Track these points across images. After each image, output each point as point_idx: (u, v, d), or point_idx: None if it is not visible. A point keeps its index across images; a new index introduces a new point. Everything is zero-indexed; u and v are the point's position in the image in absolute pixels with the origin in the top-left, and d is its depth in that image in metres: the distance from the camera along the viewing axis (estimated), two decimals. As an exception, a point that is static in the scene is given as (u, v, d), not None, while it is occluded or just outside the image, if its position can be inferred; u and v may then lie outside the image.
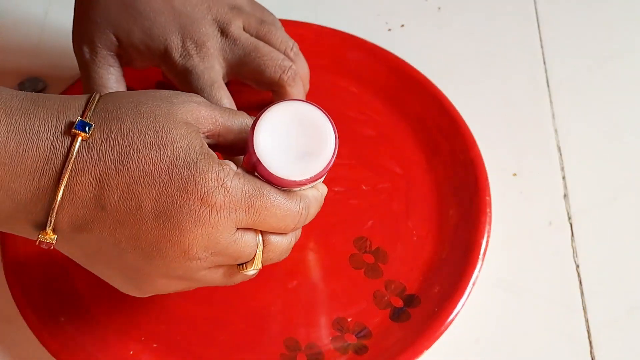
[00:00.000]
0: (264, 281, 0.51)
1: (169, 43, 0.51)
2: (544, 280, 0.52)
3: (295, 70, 0.52)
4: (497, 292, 0.51)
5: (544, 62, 0.62)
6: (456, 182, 0.54)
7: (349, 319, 0.50)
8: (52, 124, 0.38)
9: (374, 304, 0.50)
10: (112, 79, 0.52)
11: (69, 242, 0.40)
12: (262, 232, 0.41)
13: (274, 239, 0.42)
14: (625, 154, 0.57)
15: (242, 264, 0.42)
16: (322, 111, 0.41)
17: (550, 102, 0.60)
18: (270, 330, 0.50)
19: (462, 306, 0.48)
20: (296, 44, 0.54)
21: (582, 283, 0.51)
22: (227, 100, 0.51)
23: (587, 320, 0.50)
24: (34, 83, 0.62)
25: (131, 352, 0.49)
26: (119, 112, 0.39)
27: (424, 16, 0.65)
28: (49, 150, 0.38)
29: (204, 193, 0.38)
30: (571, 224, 0.54)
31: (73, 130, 0.38)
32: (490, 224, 0.51)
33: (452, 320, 0.48)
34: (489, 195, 0.52)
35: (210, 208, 0.39)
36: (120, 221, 0.39)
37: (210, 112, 0.42)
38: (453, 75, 0.61)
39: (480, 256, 0.50)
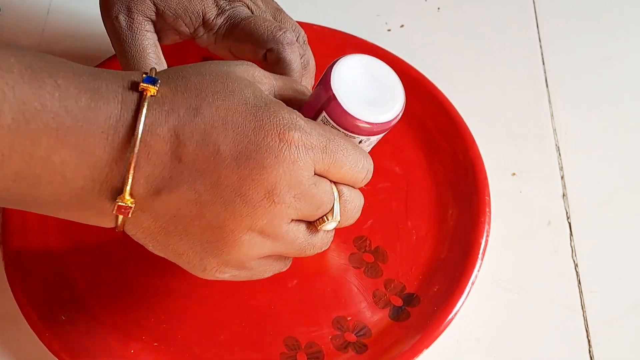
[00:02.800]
0: (264, 280, 0.52)
1: (206, 2, 0.50)
2: (543, 279, 0.52)
3: (293, 39, 0.51)
4: (496, 291, 0.51)
5: (543, 62, 0.62)
6: (455, 181, 0.54)
7: (349, 318, 0.50)
8: (119, 83, 0.38)
9: (373, 303, 0.51)
10: (151, 43, 0.50)
11: (146, 211, 0.39)
12: (335, 184, 0.41)
13: (347, 190, 0.42)
14: (623, 153, 0.57)
15: (321, 218, 0.41)
16: (392, 71, 0.43)
17: (549, 102, 0.60)
18: (270, 329, 0.50)
19: (462, 305, 0.48)
20: (306, 36, 0.54)
21: (581, 282, 0.52)
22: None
23: (585, 319, 0.50)
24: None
25: (132, 351, 0.49)
26: (181, 72, 0.40)
27: (424, 16, 0.65)
28: (120, 107, 0.37)
29: (281, 129, 0.38)
30: (570, 224, 0.54)
31: (142, 85, 0.37)
32: (489, 224, 0.51)
33: (451, 319, 0.48)
34: (488, 195, 0.53)
35: (289, 144, 0.38)
36: (200, 170, 0.38)
37: (263, 72, 0.42)
38: (452, 75, 0.61)
39: (480, 255, 0.50)
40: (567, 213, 0.54)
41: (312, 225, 0.42)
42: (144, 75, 0.38)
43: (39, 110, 0.35)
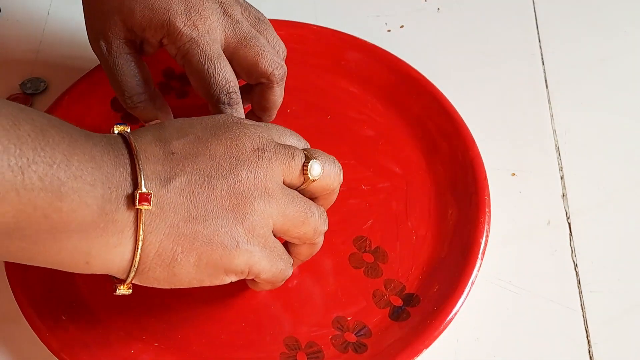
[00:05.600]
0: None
1: (172, 13, 0.51)
2: (542, 279, 0.52)
3: (286, 71, 0.53)
4: (496, 291, 0.51)
5: (543, 62, 0.62)
6: (455, 181, 0.54)
7: (349, 318, 0.50)
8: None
9: (373, 303, 0.51)
10: (132, 65, 0.53)
11: (164, 206, 0.41)
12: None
13: (312, 150, 0.47)
14: (623, 153, 0.57)
15: (304, 165, 0.45)
16: None
17: (549, 102, 0.60)
18: (270, 329, 0.50)
19: (461, 305, 0.48)
20: (286, 50, 0.55)
21: (581, 282, 0.52)
22: (230, 73, 0.52)
23: (585, 319, 0.50)
24: (35, 83, 0.62)
25: (132, 351, 0.49)
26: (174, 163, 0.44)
27: (424, 17, 0.66)
28: (102, 136, 0.42)
29: (237, 123, 0.46)
30: (569, 223, 0.54)
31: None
32: (489, 224, 0.52)
33: (451, 319, 0.48)
34: (488, 195, 0.53)
35: (246, 126, 0.45)
36: (193, 154, 0.43)
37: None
38: (452, 75, 0.61)
39: (479, 255, 0.50)
40: (566, 213, 0.54)
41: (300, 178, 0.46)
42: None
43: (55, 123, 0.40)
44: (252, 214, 0.43)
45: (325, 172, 0.46)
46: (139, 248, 0.41)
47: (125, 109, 0.60)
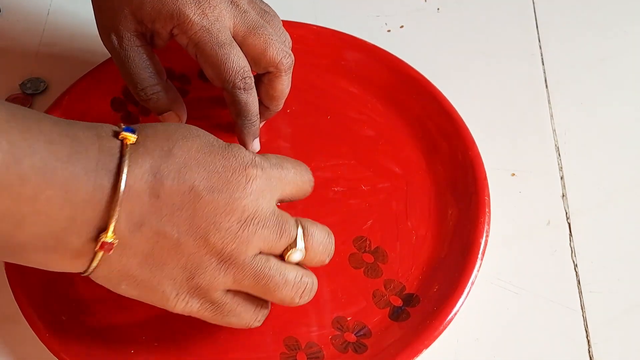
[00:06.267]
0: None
1: (182, 2, 0.51)
2: (542, 279, 0.52)
3: (294, 60, 0.54)
4: (496, 292, 0.51)
5: (543, 63, 0.62)
6: (455, 181, 0.54)
7: (349, 318, 0.50)
8: (93, 132, 0.41)
9: (373, 303, 0.51)
10: (143, 58, 0.53)
11: (125, 248, 0.41)
12: (299, 220, 0.45)
13: (311, 225, 0.45)
14: (623, 153, 0.57)
15: (286, 249, 0.44)
16: None
17: (549, 102, 0.60)
18: (270, 329, 0.50)
19: (461, 305, 0.48)
20: (291, 41, 0.55)
21: (581, 282, 0.52)
22: (243, 59, 0.52)
23: (585, 319, 0.50)
24: (35, 83, 0.62)
25: (132, 351, 0.49)
26: (148, 125, 0.44)
27: (423, 17, 0.65)
28: (97, 152, 0.40)
29: (245, 167, 0.43)
30: (569, 224, 0.54)
31: (122, 134, 0.41)
32: (489, 224, 0.52)
33: (451, 320, 0.48)
34: (488, 195, 0.53)
35: (253, 179, 0.43)
36: (177, 205, 0.41)
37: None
38: (452, 75, 0.61)
39: (479, 255, 0.50)
40: (566, 213, 0.54)
41: (281, 257, 0.45)
42: (124, 126, 0.42)
43: (27, 151, 0.38)
44: (201, 277, 0.43)
45: (309, 255, 0.45)
46: (89, 271, 0.42)
47: (125, 110, 0.60)
